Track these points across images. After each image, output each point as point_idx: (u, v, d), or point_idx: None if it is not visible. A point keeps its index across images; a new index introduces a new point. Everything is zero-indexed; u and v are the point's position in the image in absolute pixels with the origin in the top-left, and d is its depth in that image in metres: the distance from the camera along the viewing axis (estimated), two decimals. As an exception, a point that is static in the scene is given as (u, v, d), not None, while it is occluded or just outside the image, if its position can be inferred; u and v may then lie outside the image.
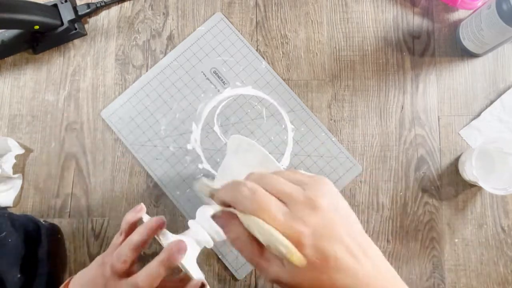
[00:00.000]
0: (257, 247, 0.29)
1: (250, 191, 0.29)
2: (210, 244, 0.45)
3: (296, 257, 0.27)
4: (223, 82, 0.61)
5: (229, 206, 0.31)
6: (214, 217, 0.34)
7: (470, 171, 0.53)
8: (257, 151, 0.45)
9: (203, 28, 0.62)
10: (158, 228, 0.39)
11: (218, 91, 0.61)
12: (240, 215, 0.30)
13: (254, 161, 0.45)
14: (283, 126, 0.60)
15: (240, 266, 0.57)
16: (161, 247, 0.39)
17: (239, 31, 0.62)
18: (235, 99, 0.61)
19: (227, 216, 0.31)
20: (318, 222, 0.28)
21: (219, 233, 0.44)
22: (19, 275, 0.51)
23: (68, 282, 0.43)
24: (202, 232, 0.44)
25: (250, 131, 0.60)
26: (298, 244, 0.27)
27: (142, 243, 0.38)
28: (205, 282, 0.38)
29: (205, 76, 0.61)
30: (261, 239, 0.28)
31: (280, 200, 0.29)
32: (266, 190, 0.29)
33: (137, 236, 0.39)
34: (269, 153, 0.58)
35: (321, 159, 0.59)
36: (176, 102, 0.61)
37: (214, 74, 0.61)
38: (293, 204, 0.28)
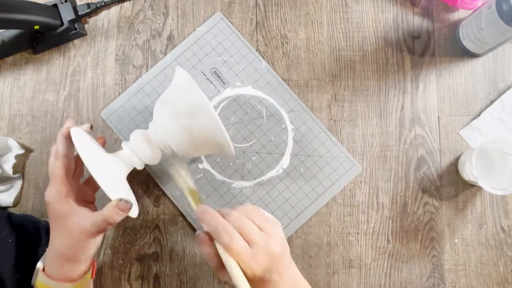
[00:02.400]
0: (220, 264, 0.41)
1: (229, 235, 0.40)
2: (140, 166, 0.50)
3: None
4: (223, 82, 0.61)
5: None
6: (196, 233, 0.42)
7: (470, 171, 0.53)
8: (198, 98, 0.46)
9: (203, 28, 0.62)
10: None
11: (218, 91, 0.61)
12: (218, 246, 0.40)
13: (187, 107, 0.47)
14: (283, 126, 0.60)
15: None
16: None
17: (239, 31, 0.62)
18: (235, 99, 0.61)
19: (205, 237, 0.42)
20: (268, 264, 0.40)
21: (151, 159, 0.50)
22: (18, 275, 0.51)
23: None
24: (132, 155, 0.49)
25: (250, 131, 0.60)
26: (251, 275, 0.40)
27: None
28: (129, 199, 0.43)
29: (205, 76, 0.61)
30: (226, 266, 0.40)
31: (246, 238, 0.40)
32: (239, 229, 0.41)
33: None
34: (269, 153, 0.59)
35: (321, 159, 0.59)
36: None
37: (214, 74, 0.61)
38: (255, 247, 0.40)
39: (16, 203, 0.59)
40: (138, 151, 0.49)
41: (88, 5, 0.62)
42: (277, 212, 0.58)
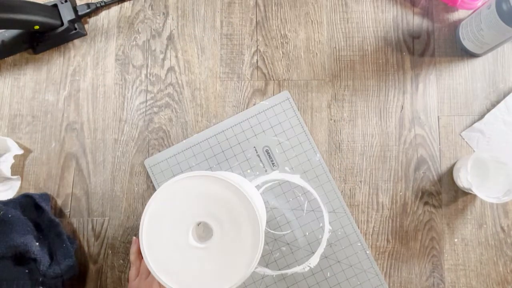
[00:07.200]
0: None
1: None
2: None
3: None
4: (273, 164, 0.59)
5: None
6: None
7: (464, 178, 0.53)
8: None
9: (266, 103, 0.60)
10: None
11: (266, 171, 0.59)
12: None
13: None
14: (321, 224, 0.58)
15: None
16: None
17: (239, 31, 0.62)
18: (280, 184, 0.58)
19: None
20: None
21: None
22: (37, 243, 0.52)
23: None
24: None
25: (286, 220, 0.58)
26: None
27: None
28: None
29: (257, 152, 0.59)
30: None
31: None
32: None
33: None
34: (300, 248, 0.57)
35: (350, 269, 0.57)
36: (221, 170, 0.58)
37: (266, 152, 0.59)
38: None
39: (16, 203, 0.59)
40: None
41: (88, 5, 0.62)
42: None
